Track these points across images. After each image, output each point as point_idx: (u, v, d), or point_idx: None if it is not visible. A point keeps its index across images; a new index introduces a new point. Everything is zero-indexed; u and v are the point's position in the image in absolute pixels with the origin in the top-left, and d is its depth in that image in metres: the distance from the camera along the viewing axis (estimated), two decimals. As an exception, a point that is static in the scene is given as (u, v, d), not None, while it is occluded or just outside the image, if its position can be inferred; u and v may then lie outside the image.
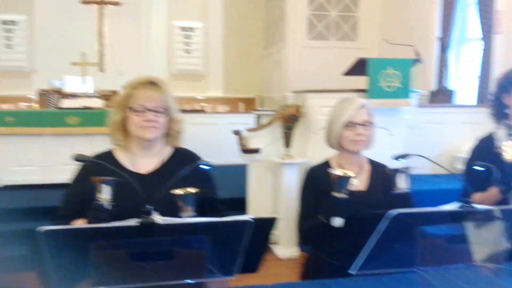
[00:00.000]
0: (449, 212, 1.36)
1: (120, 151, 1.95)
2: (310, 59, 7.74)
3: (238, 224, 1.28)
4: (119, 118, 1.89)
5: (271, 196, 4.72)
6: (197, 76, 9.56)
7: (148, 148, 1.93)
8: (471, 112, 5.15)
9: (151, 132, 1.86)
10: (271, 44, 8.90)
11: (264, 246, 1.43)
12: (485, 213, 1.43)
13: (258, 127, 4.98)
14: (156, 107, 1.86)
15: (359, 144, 2.12)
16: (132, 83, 1.91)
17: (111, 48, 8.62)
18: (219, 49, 9.62)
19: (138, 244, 1.24)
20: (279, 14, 8.29)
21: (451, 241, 1.40)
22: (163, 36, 9.32)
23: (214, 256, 1.32)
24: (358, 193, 2.09)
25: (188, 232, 1.26)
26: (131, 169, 1.90)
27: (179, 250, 1.24)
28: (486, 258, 1.45)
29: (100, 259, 1.20)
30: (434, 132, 5.16)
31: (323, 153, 2.31)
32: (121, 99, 1.90)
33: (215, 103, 9.59)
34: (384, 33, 7.73)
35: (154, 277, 1.26)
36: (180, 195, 1.61)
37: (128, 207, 1.42)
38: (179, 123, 1.98)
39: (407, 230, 1.34)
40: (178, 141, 2.01)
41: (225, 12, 9.56)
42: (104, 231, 1.23)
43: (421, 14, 6.90)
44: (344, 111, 2.12)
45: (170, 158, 1.98)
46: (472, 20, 6.09)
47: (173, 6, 9.31)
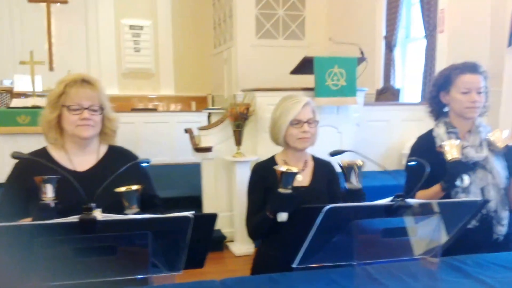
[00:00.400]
0: (382, 206, 1.41)
1: (54, 149, 1.94)
2: (259, 57, 7.78)
3: (179, 220, 1.30)
4: (53, 117, 1.87)
5: (226, 194, 4.75)
6: (147, 74, 9.49)
7: (83, 146, 1.94)
8: (415, 109, 5.27)
9: (88, 131, 1.87)
10: (220, 43, 8.90)
11: (207, 241, 1.45)
12: (419, 207, 1.47)
13: (209, 126, 4.98)
14: (91, 106, 1.86)
15: (305, 142, 2.17)
16: (65, 80, 1.89)
17: (60, 47, 8.44)
18: (168, 47, 9.57)
19: (81, 240, 1.24)
20: (227, 13, 8.30)
21: (388, 235, 1.43)
22: (111, 34, 9.20)
23: (158, 252, 1.33)
24: (302, 188, 2.15)
25: (130, 228, 1.27)
26: (67, 167, 1.89)
27: (121, 246, 1.25)
28: (425, 252, 1.49)
29: (44, 256, 1.20)
30: (382, 130, 5.24)
31: (272, 150, 2.34)
32: (54, 97, 1.87)
33: (168, 102, 9.54)
34: (331, 32, 7.83)
35: (99, 273, 1.26)
36: (124, 192, 1.62)
37: (71, 205, 1.41)
38: (114, 122, 2.00)
39: (343, 224, 1.37)
40: (112, 139, 2.03)
41: (173, 10, 9.51)
42: (45, 228, 1.22)
43: (367, 13, 7.02)
44: (290, 109, 2.15)
45: (105, 156, 1.99)
46: (416, 18, 6.25)
47: (120, 4, 9.20)
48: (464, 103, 2.22)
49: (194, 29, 9.63)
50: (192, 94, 9.59)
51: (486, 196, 2.19)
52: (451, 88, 2.26)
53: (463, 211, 1.61)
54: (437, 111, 2.38)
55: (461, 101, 2.23)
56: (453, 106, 2.28)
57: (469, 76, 2.22)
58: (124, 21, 9.30)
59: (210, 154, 4.66)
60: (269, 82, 6.20)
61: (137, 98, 9.38)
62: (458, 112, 2.27)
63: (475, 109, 2.23)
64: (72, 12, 8.62)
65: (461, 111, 2.25)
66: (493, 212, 2.22)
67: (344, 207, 1.39)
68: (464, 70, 2.24)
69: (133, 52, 9.41)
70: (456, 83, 2.24)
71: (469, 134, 2.29)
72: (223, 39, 8.68)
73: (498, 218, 2.22)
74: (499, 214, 2.22)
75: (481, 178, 2.22)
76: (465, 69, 2.24)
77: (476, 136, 2.27)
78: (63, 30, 8.51)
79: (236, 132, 4.42)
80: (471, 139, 2.27)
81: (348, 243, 1.39)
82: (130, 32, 9.36)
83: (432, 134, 2.34)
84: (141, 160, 1.60)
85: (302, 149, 2.21)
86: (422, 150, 2.27)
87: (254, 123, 4.55)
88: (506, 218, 2.24)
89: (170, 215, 1.30)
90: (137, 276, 1.30)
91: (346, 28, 7.60)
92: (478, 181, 2.21)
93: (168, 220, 1.32)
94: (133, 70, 9.38)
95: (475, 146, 2.25)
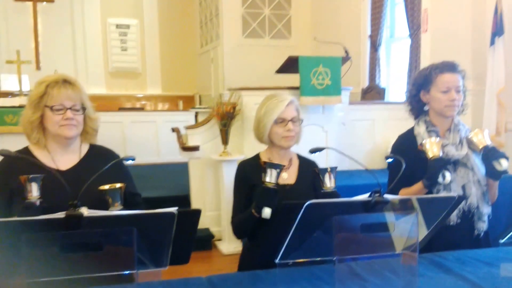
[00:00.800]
0: (360, 202, 1.45)
1: (37, 149, 1.97)
2: (246, 56, 7.80)
3: (163, 216, 1.32)
4: (35, 117, 1.90)
5: (213, 193, 4.77)
6: (134, 73, 9.46)
7: (66, 146, 1.97)
8: (400, 108, 5.25)
9: (71, 130, 1.91)
10: (207, 42, 8.90)
11: (191, 237, 1.47)
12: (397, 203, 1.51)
13: (195, 125, 5.00)
14: (74, 105, 1.90)
15: (290, 140, 2.20)
16: (45, 81, 1.91)
17: (46, 46, 8.43)
18: (155, 46, 9.56)
19: (67, 237, 1.26)
20: (214, 12, 8.30)
21: (367, 230, 1.46)
22: (98, 33, 9.16)
23: (144, 248, 1.35)
24: (288, 186, 2.19)
25: (115, 224, 1.29)
26: (50, 166, 1.91)
27: (107, 242, 1.26)
28: (404, 247, 1.52)
29: (30, 252, 1.21)
30: (367, 129, 5.26)
31: (259, 149, 2.37)
32: (35, 98, 1.90)
33: (155, 101, 9.52)
34: (317, 31, 7.87)
35: (85, 269, 1.28)
36: (108, 190, 1.66)
37: (56, 204, 1.44)
38: (95, 121, 2.04)
39: (323, 219, 1.40)
40: (94, 138, 2.07)
41: (159, 9, 9.49)
42: (32, 224, 1.24)
43: (352, 12, 7.05)
44: (274, 108, 2.18)
45: (87, 155, 2.03)
46: (401, 18, 6.30)
47: (106, 3, 9.17)
48: (444, 101, 2.27)
49: (180, 28, 9.62)
50: (179, 93, 9.58)
51: (467, 193, 2.24)
52: (431, 87, 2.30)
53: (441, 207, 1.65)
54: (417, 109, 2.43)
55: (441, 99, 2.28)
56: (433, 104, 2.33)
57: (448, 75, 2.27)
58: (110, 20, 9.26)
59: (197, 153, 4.68)
60: (256, 81, 6.21)
61: (125, 97, 9.35)
62: (438, 110, 2.31)
63: (454, 107, 2.28)
64: (58, 11, 8.59)
65: (441, 110, 2.30)
66: (475, 208, 2.27)
67: (323, 203, 1.43)
68: (443, 70, 2.28)
69: (120, 51, 9.37)
70: (436, 82, 2.28)
71: (448, 133, 2.34)
72: (210, 38, 8.68)
73: (480, 214, 2.27)
74: (480, 210, 2.27)
75: (462, 175, 2.27)
76: (444, 68, 2.29)
77: (456, 134, 2.32)
78: (49, 29, 8.51)
79: (222, 131, 4.44)
80: (451, 137, 2.32)
81: (329, 239, 1.42)
82: (116, 31, 9.32)
83: (413, 133, 2.38)
84: (126, 157, 1.62)
85: (287, 147, 2.24)
86: (403, 148, 2.32)
87: (240, 122, 4.57)
88: (487, 215, 2.30)
89: (155, 211, 1.33)
90: (123, 272, 1.32)
91: (331, 27, 7.63)
92: (459, 179, 2.26)
93: (153, 216, 1.35)
94: (120, 69, 9.36)
95: (455, 144, 2.30)
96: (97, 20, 9.12)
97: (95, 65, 9.03)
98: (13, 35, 8.37)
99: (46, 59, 8.28)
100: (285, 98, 2.22)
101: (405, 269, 1.54)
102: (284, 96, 2.24)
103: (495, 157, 2.13)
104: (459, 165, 2.28)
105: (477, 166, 2.28)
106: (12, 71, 6.86)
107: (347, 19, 7.21)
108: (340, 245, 1.40)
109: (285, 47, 7.77)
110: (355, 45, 6.72)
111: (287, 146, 2.23)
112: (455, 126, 2.34)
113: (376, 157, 5.18)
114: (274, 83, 4.93)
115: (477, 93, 4.66)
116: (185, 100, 9.45)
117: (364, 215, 1.46)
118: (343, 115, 4.91)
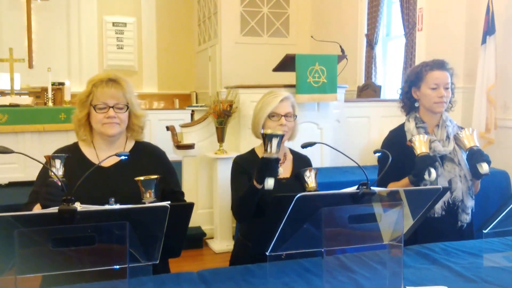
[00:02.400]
0: (348, 194, 1.48)
1: (84, 145, 2.05)
2: (243, 55, 7.83)
3: (155, 210, 1.34)
4: (82, 115, 1.99)
5: (207, 191, 4.78)
6: (130, 72, 9.43)
7: (111, 143, 2.05)
8: (395, 106, 5.31)
9: (113, 128, 1.98)
10: (205, 40, 8.92)
11: (184, 231, 1.49)
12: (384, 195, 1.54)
13: (191, 123, 5.01)
14: (117, 104, 1.96)
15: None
16: (92, 80, 2.00)
17: (40, 44, 8.39)
18: (152, 44, 9.57)
19: (60, 231, 1.27)
20: (212, 10, 8.33)
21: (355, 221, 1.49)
22: (94, 31, 9.12)
23: (135, 242, 1.37)
24: (284, 180, 2.23)
25: (108, 218, 1.30)
26: (94, 162, 1.99)
27: (100, 236, 1.28)
28: (392, 239, 1.55)
29: (24, 247, 1.23)
30: (362, 126, 5.28)
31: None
32: (83, 97, 1.99)
33: (150, 99, 9.52)
34: (314, 29, 7.92)
35: (78, 264, 1.30)
36: (141, 180, 1.71)
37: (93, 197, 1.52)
38: (141, 118, 2.10)
39: (312, 212, 1.43)
40: (140, 135, 2.13)
41: (157, 6, 9.50)
42: (25, 218, 1.26)
43: (349, 11, 7.09)
44: (269, 103, 2.23)
45: (131, 152, 2.06)
46: (396, 17, 6.33)
47: (103, 0, 9.15)
48: (433, 98, 2.35)
49: (178, 26, 9.64)
50: (175, 92, 9.60)
51: (453, 188, 2.32)
52: (421, 84, 2.39)
53: (426, 198, 1.69)
54: (408, 106, 2.51)
55: (430, 96, 2.36)
56: (422, 101, 2.41)
57: (437, 73, 2.35)
58: (107, 18, 9.25)
59: (192, 151, 4.69)
60: (253, 79, 6.22)
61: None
62: (427, 106, 2.39)
63: (443, 103, 2.36)
64: (53, 8, 8.55)
65: (430, 106, 2.38)
66: (460, 202, 2.34)
67: (313, 196, 1.46)
68: (433, 67, 2.37)
69: (116, 49, 9.36)
70: (426, 79, 2.37)
71: (437, 128, 2.41)
72: (208, 36, 8.70)
73: (464, 207, 2.35)
74: (465, 203, 2.35)
75: (449, 170, 2.34)
76: (434, 66, 2.37)
77: (443, 130, 2.40)
78: (43, 26, 8.46)
79: (218, 129, 4.45)
80: (439, 134, 2.40)
81: (318, 231, 1.45)
82: (113, 29, 9.31)
83: (404, 129, 2.47)
84: (120, 153, 1.64)
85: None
86: (393, 143, 2.41)
87: (237, 120, 4.59)
88: (471, 207, 2.37)
89: (147, 205, 1.35)
90: (115, 267, 1.33)
91: (329, 26, 7.67)
92: (446, 173, 2.34)
93: (145, 210, 1.37)
94: (115, 67, 9.29)
95: (442, 140, 2.37)
96: (93, 18, 9.09)
97: (89, 62, 8.93)
98: (6, 32, 8.31)
99: (39, 57, 8.25)
100: (280, 93, 2.26)
101: (392, 260, 1.57)
102: (280, 92, 2.28)
103: (479, 160, 2.18)
104: (446, 160, 2.35)
105: (464, 161, 2.34)
106: (4, 69, 6.80)
107: (345, 18, 7.24)
108: (329, 236, 1.43)
109: (283, 46, 7.81)
110: (352, 43, 6.75)
111: None
112: (443, 122, 2.41)
113: (371, 154, 5.16)
114: (272, 81, 4.95)
115: (468, 90, 4.70)
116: (182, 98, 9.46)
117: (352, 206, 1.49)
118: (339, 112, 4.94)
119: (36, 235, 1.26)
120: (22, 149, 4.47)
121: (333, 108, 4.83)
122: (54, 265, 1.28)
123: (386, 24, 6.63)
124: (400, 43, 6.19)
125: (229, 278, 1.66)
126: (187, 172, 4.78)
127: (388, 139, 2.52)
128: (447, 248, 1.95)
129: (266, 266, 1.69)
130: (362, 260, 1.73)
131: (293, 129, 2.30)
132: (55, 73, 6.75)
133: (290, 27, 8.31)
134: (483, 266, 1.76)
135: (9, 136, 5.13)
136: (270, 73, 4.97)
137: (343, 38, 6.35)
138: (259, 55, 7.75)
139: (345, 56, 4.98)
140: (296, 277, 1.63)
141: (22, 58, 6.55)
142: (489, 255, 1.87)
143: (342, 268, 1.62)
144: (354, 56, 6.63)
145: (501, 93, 4.50)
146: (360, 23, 6.83)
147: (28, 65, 7.76)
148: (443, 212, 2.31)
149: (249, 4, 8.05)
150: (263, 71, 5.93)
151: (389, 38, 6.64)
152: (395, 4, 6.31)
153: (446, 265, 1.76)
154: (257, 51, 7.88)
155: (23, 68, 7.48)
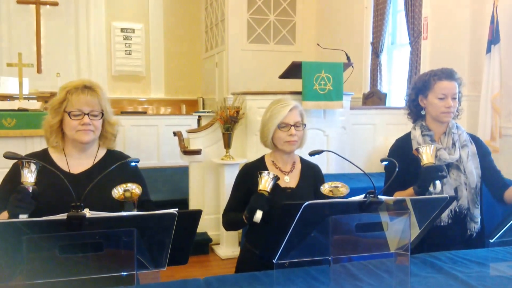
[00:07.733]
0: (356, 202, 1.49)
1: (54, 152, 2.01)
2: (250, 61, 7.88)
3: (163, 216, 1.35)
4: (55, 122, 1.95)
5: (213, 197, 4.78)
6: (138, 77, 9.50)
7: (83, 150, 2.01)
8: (400, 113, 5.33)
9: (88, 135, 1.95)
10: (212, 46, 8.97)
11: (191, 238, 1.49)
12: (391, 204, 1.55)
13: (198, 129, 5.03)
14: (92, 111, 1.94)
15: (293, 145, 2.23)
16: (66, 87, 1.96)
17: (49, 49, 8.44)
18: (160, 50, 9.61)
19: (68, 237, 1.28)
20: (219, 17, 8.37)
21: (362, 230, 1.50)
22: (102, 37, 9.16)
23: (143, 249, 1.38)
24: (289, 189, 2.24)
25: (116, 225, 1.31)
26: (64, 169, 1.97)
27: (108, 243, 1.29)
28: (398, 247, 1.56)
29: (31, 253, 1.23)
30: (368, 133, 5.31)
31: (261, 153, 2.41)
32: (56, 103, 1.95)
33: (158, 105, 9.55)
34: (321, 37, 7.95)
35: (85, 271, 1.30)
36: (124, 202, 1.70)
37: (61, 204, 1.47)
38: (114, 126, 2.07)
39: (320, 220, 1.45)
40: (112, 143, 2.10)
41: (165, 13, 9.56)
42: (33, 225, 1.27)
43: (355, 19, 7.11)
44: (278, 113, 2.22)
45: (102, 159, 2.05)
46: (402, 26, 6.35)
47: (112, 6, 9.21)
48: (440, 108, 2.33)
49: (185, 33, 9.69)
50: (182, 97, 9.64)
51: (459, 196, 2.30)
52: (429, 93, 2.37)
53: (432, 207, 1.70)
54: (415, 113, 2.49)
55: (437, 106, 2.34)
56: (429, 110, 2.39)
57: (446, 83, 2.33)
58: (115, 24, 9.32)
59: (199, 157, 4.70)
60: (260, 86, 6.25)
61: (127, 101, 9.40)
62: (434, 116, 2.38)
63: (450, 113, 2.34)
64: (62, 14, 8.60)
65: (437, 115, 2.36)
66: (466, 209, 2.33)
67: (321, 203, 1.46)
68: (441, 77, 2.34)
69: (124, 55, 9.41)
70: (434, 88, 2.34)
71: (444, 136, 2.40)
72: (215, 42, 8.75)
73: (471, 215, 2.33)
74: (471, 211, 2.33)
75: (455, 178, 2.33)
76: (442, 75, 2.34)
77: (449, 138, 2.38)
78: (52, 32, 8.50)
79: (225, 135, 4.47)
80: (445, 141, 2.38)
81: (325, 239, 1.46)
82: (121, 35, 9.37)
83: (410, 137, 2.45)
84: (130, 159, 1.65)
85: (290, 151, 2.28)
86: (399, 151, 2.40)
87: (243, 126, 4.61)
88: (479, 216, 2.35)
89: (155, 212, 1.35)
90: (122, 273, 1.34)
91: (334, 33, 7.69)
92: (452, 181, 2.32)
93: (153, 217, 1.38)
94: (123, 73, 9.40)
95: (448, 147, 2.36)
96: (102, 24, 9.13)
97: (98, 68, 8.98)
98: (15, 37, 8.36)
99: (48, 62, 8.30)
100: (289, 103, 2.25)
101: (398, 269, 1.57)
102: (288, 101, 2.27)
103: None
104: (453, 168, 2.34)
105: (469, 169, 2.33)
106: (12, 74, 6.85)
107: (350, 26, 7.26)
108: (336, 244, 1.44)
109: (289, 53, 7.85)
110: (358, 51, 6.77)
111: (290, 151, 2.27)
112: (449, 130, 2.40)
113: (376, 161, 5.17)
114: (278, 88, 4.96)
115: (473, 99, 4.70)
116: (189, 104, 9.50)
117: (359, 215, 1.49)
118: (344, 119, 4.95)
119: (45, 242, 1.26)
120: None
121: (339, 115, 4.84)
122: (62, 271, 1.28)
123: (392, 33, 6.65)
124: (405, 51, 6.20)
125: (235, 284, 1.67)
126: (194, 177, 4.79)
127: (395, 147, 2.51)
128: (453, 257, 1.96)
129: (273, 273, 1.70)
130: (369, 269, 1.74)
131: (302, 138, 2.31)
132: (63, 78, 6.78)
133: (296, 34, 8.35)
134: (489, 275, 1.76)
135: (18, 140, 5.16)
136: (276, 80, 4.99)
137: (349, 46, 6.37)
138: (266, 62, 7.79)
139: (351, 64, 5.00)
140: (303, 285, 1.63)
141: (31, 63, 6.57)
142: (495, 264, 1.88)
143: (348, 276, 1.63)
144: (359, 64, 6.64)
145: (505, 102, 4.50)
146: (366, 31, 6.85)
147: (36, 70, 7.79)
148: (449, 221, 2.29)
149: (256, 12, 8.09)
150: (270, 78, 5.96)
151: (394, 46, 6.65)
152: (401, 13, 6.33)
153: (452, 274, 1.76)
154: (264, 58, 7.92)
155: (32, 73, 7.52)
